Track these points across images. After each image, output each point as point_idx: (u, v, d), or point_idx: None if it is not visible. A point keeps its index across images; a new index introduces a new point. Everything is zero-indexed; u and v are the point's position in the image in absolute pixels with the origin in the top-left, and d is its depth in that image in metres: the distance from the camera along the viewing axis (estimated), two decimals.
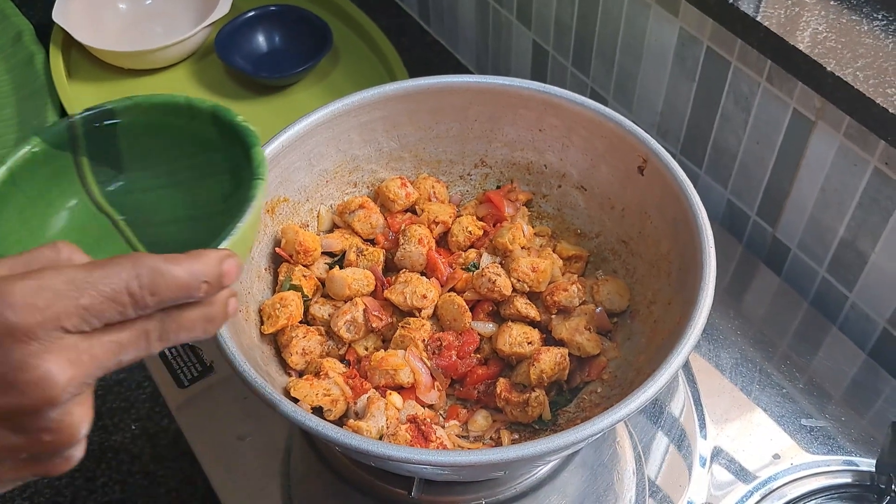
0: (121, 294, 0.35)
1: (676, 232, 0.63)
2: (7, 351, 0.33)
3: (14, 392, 0.34)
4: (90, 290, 0.35)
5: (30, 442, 0.35)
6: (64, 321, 0.34)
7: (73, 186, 0.49)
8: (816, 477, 0.69)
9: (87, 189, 0.49)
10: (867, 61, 0.68)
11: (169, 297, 0.36)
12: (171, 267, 0.36)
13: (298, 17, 1.09)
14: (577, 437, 0.51)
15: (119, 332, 0.36)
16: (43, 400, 0.34)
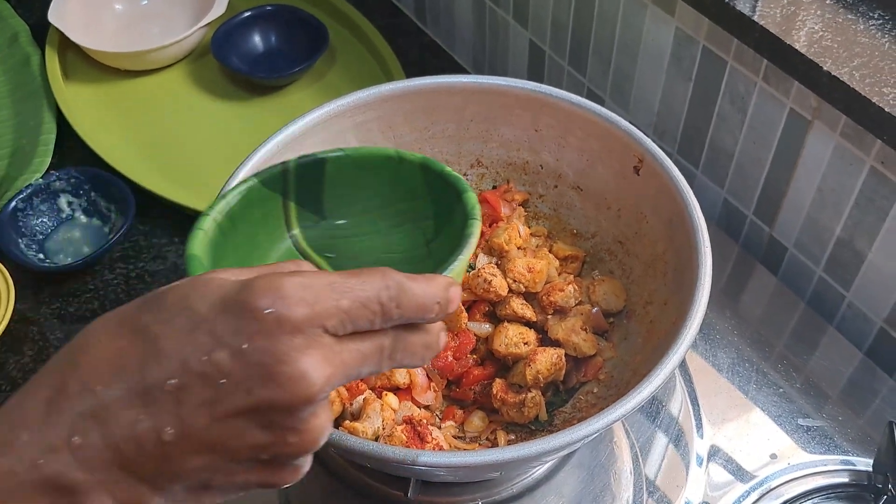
0: (373, 302, 0.35)
1: (672, 232, 0.63)
2: (273, 342, 0.33)
3: (272, 385, 0.33)
4: (349, 294, 0.35)
5: (275, 441, 0.34)
6: (325, 321, 0.34)
7: (278, 230, 0.50)
8: (814, 476, 0.69)
9: (290, 233, 0.51)
10: (863, 60, 0.68)
11: (409, 312, 0.36)
12: (412, 284, 0.37)
13: (295, 18, 1.09)
14: (572, 437, 0.51)
15: (362, 342, 0.36)
16: (298, 397, 0.33)
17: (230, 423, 0.33)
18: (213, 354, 0.33)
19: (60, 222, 0.92)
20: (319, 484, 0.68)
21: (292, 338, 0.33)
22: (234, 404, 0.33)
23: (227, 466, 0.34)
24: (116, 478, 0.33)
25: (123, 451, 0.33)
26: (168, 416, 0.33)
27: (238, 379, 0.33)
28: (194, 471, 0.34)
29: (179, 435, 0.33)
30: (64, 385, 0.34)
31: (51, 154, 0.95)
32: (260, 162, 0.66)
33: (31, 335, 0.84)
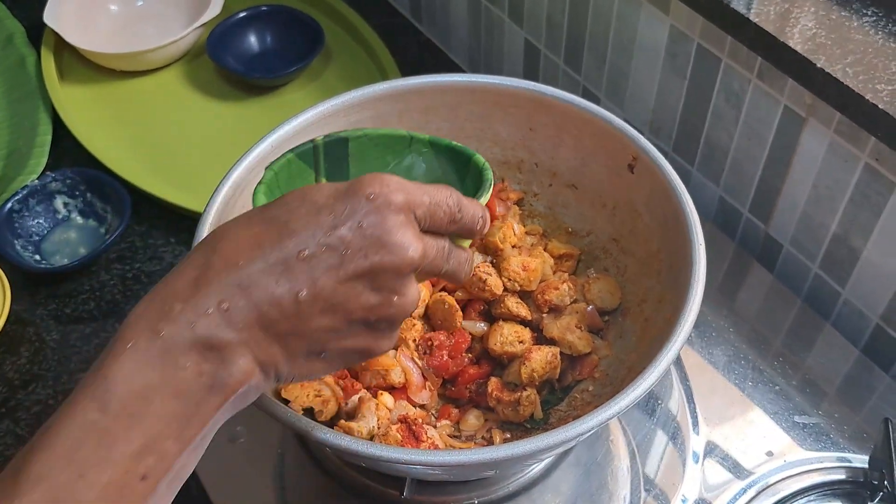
0: (444, 203, 0.44)
1: (667, 229, 0.63)
2: (383, 218, 0.41)
3: (383, 251, 0.41)
4: (429, 193, 0.44)
5: (382, 302, 0.42)
6: (416, 209, 0.43)
7: None
8: (810, 474, 0.69)
9: None
10: (857, 57, 0.68)
11: (466, 219, 0.45)
12: (467, 199, 0.46)
13: (290, 18, 1.09)
14: (567, 435, 0.51)
15: (433, 238, 0.44)
16: (404, 261, 0.42)
17: (350, 285, 0.41)
18: (335, 230, 0.41)
19: (56, 223, 0.92)
20: (315, 484, 0.68)
21: (396, 216, 0.42)
22: (354, 268, 0.41)
23: (343, 329, 0.42)
24: (258, 337, 0.40)
25: (265, 312, 0.40)
26: (302, 280, 0.40)
27: (357, 248, 0.41)
28: (318, 331, 0.41)
29: (311, 296, 0.40)
30: (209, 264, 0.40)
31: (47, 155, 0.95)
32: (254, 162, 0.66)
33: (27, 336, 0.84)
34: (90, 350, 0.83)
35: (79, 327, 0.84)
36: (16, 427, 0.77)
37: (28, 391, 0.80)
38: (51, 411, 0.78)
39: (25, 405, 0.79)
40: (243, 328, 0.40)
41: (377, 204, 0.41)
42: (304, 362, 0.42)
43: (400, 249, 0.41)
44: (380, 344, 0.44)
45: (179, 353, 0.39)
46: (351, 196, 0.42)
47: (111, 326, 0.85)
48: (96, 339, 0.84)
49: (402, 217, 0.42)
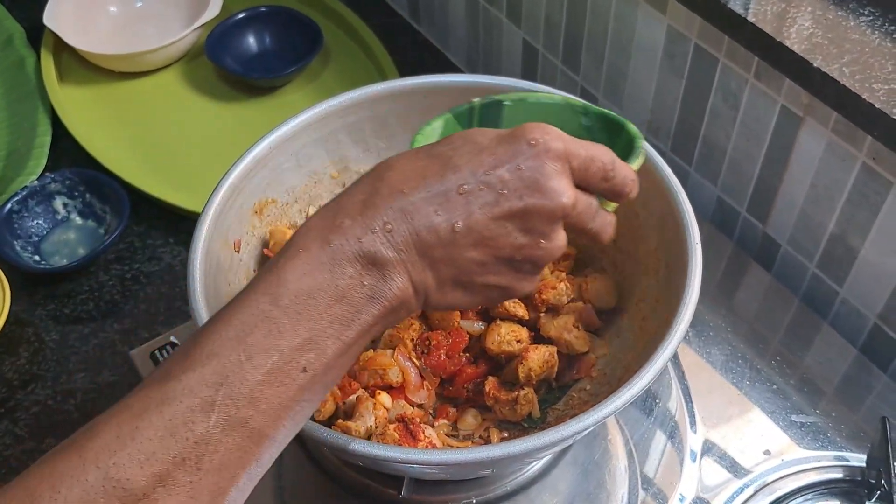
0: (599, 159, 0.45)
1: (664, 229, 0.63)
2: (541, 163, 0.43)
3: (538, 195, 0.43)
4: (587, 146, 0.45)
5: (530, 244, 0.44)
6: (573, 159, 0.44)
7: None
8: (807, 472, 0.69)
9: None
10: (853, 57, 0.68)
11: (618, 178, 0.46)
12: (620, 161, 0.47)
13: (289, 18, 1.09)
14: (564, 434, 0.51)
15: (583, 196, 0.45)
16: (557, 206, 0.44)
17: (502, 223, 0.43)
18: (497, 169, 0.43)
19: (55, 224, 0.92)
20: (314, 483, 0.68)
21: (554, 163, 0.44)
22: (509, 207, 0.43)
23: (490, 264, 0.44)
24: (414, 259, 0.43)
25: (423, 237, 0.43)
26: (460, 212, 0.43)
27: (513, 188, 0.43)
28: (468, 262, 0.44)
29: (466, 227, 0.43)
30: (376, 190, 0.43)
31: (46, 156, 0.96)
32: (253, 162, 0.66)
33: (26, 336, 0.84)
34: (89, 350, 0.83)
35: (78, 327, 0.85)
36: (15, 427, 0.77)
37: (27, 391, 0.80)
38: (50, 411, 0.79)
39: (24, 405, 0.79)
40: (403, 249, 0.42)
41: (537, 150, 0.43)
42: (451, 291, 0.45)
43: (554, 194, 0.43)
44: (522, 285, 0.46)
45: (346, 262, 0.42)
46: (513, 140, 0.44)
47: (110, 326, 0.85)
48: (95, 340, 0.84)
49: (559, 165, 0.44)
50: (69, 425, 0.78)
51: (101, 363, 0.82)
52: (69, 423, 0.78)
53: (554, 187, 0.43)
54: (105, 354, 0.83)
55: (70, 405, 0.79)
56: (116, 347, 0.83)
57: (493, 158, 0.43)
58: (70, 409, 0.79)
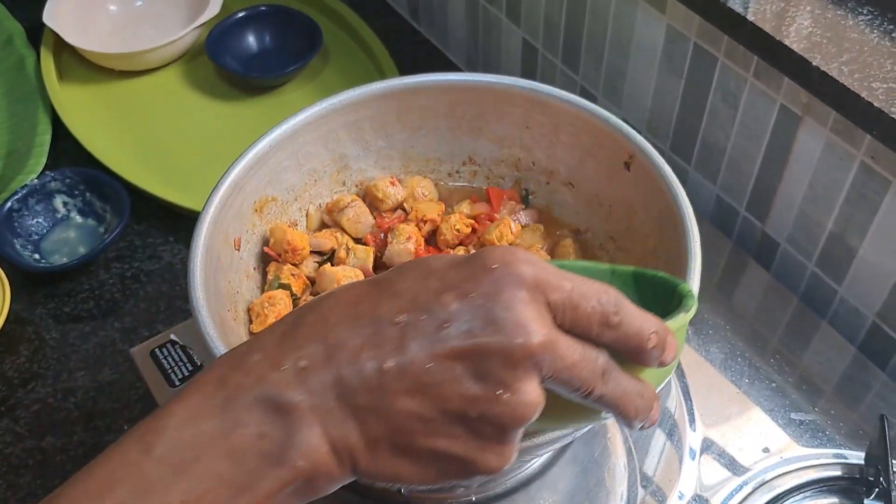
0: (593, 297, 0.35)
1: (663, 227, 0.64)
2: (500, 290, 0.34)
3: (492, 329, 0.34)
4: (576, 280, 0.35)
5: (486, 395, 0.34)
6: (549, 292, 0.35)
7: None
8: (806, 470, 0.69)
9: None
10: (852, 56, 0.68)
11: (627, 326, 0.35)
12: (630, 304, 0.36)
13: (289, 17, 1.10)
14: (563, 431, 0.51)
15: (579, 343, 0.35)
16: (517, 345, 0.33)
17: (447, 365, 0.34)
18: (441, 295, 0.34)
19: (56, 223, 0.92)
20: None
21: (517, 290, 0.34)
22: (455, 344, 0.34)
23: (435, 421, 0.34)
24: (331, 406, 0.34)
25: (343, 377, 0.34)
26: (392, 348, 0.34)
27: (462, 320, 0.34)
28: (403, 415, 0.34)
29: (399, 368, 0.34)
30: (301, 320, 0.36)
31: (46, 155, 0.96)
32: (253, 161, 0.66)
33: (26, 335, 0.84)
34: (89, 349, 0.83)
35: (78, 326, 0.85)
36: (15, 425, 0.78)
37: (27, 390, 0.80)
38: (50, 410, 0.79)
39: (25, 403, 0.79)
40: (316, 391, 0.34)
41: (497, 274, 0.34)
42: (388, 457, 0.35)
43: (513, 329, 0.34)
44: (486, 457, 0.35)
45: (242, 407, 0.34)
46: (469, 263, 0.35)
47: (110, 325, 0.85)
48: (95, 338, 0.84)
49: (525, 294, 0.34)
50: (69, 423, 0.78)
51: (101, 361, 0.82)
52: (69, 421, 0.78)
53: (512, 320, 0.34)
54: (105, 353, 0.83)
55: (70, 403, 0.79)
56: (117, 346, 0.83)
57: (440, 283, 0.35)
58: (70, 408, 0.79)
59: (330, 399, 0.34)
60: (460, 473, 0.36)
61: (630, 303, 0.36)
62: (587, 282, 0.36)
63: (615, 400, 0.36)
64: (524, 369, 0.34)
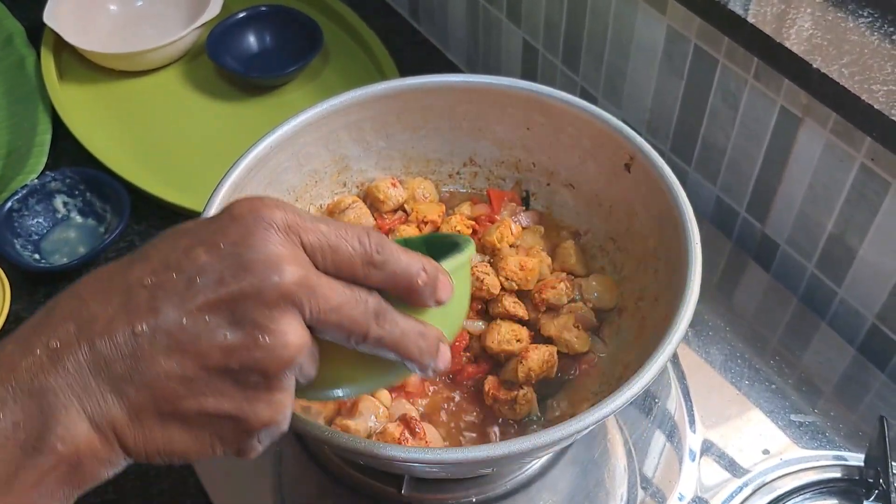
0: (353, 238, 0.35)
1: (663, 229, 0.64)
2: (249, 233, 0.33)
3: (243, 272, 0.33)
4: (329, 223, 0.35)
5: (244, 343, 0.33)
6: (303, 233, 0.34)
7: None
8: (806, 472, 0.69)
9: None
10: (852, 58, 0.69)
11: (393, 268, 0.36)
12: (394, 245, 0.37)
13: (289, 18, 1.10)
14: (563, 433, 0.51)
15: (344, 284, 0.35)
16: (266, 284, 0.33)
17: (201, 319, 0.33)
18: (191, 251, 0.34)
19: (56, 223, 0.92)
20: (314, 481, 0.69)
21: (265, 231, 0.34)
22: (207, 296, 0.33)
23: (198, 380, 0.33)
24: (87, 382, 0.32)
25: (97, 350, 0.32)
26: (143, 310, 0.33)
27: (212, 271, 0.33)
28: (164, 378, 0.33)
29: (152, 330, 0.33)
30: (57, 302, 0.35)
31: (46, 155, 0.96)
32: (253, 162, 0.66)
33: None
34: None
35: None
36: None
37: None
38: None
39: None
40: (71, 371, 0.32)
41: (246, 221, 0.34)
42: (157, 428, 0.33)
43: (264, 269, 0.33)
44: (254, 408, 0.34)
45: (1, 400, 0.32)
46: (218, 218, 0.35)
47: None
48: None
49: (276, 236, 0.33)
50: None
51: None
52: None
53: (261, 258, 0.33)
54: None
55: None
56: None
57: (190, 240, 0.34)
58: None
59: (86, 376, 0.32)
60: (237, 434, 0.34)
61: (394, 244, 0.36)
62: (346, 225, 0.36)
63: (395, 341, 0.36)
64: (280, 310, 0.33)
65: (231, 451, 0.35)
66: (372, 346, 0.36)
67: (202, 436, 0.34)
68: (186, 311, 0.33)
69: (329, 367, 0.37)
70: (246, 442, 0.35)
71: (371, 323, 0.35)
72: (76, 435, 0.32)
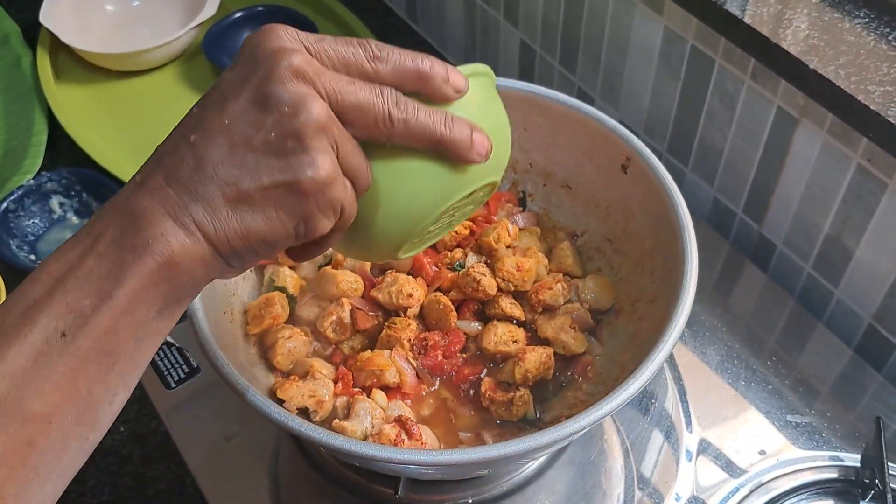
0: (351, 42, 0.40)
1: (660, 230, 0.64)
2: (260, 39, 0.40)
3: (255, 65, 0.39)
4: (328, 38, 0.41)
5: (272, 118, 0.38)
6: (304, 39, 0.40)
7: None
8: (802, 472, 0.69)
9: None
10: (849, 59, 0.69)
11: (396, 57, 0.41)
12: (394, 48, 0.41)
13: (286, 18, 1.09)
14: (560, 434, 0.51)
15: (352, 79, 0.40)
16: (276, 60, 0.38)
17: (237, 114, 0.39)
18: (221, 82, 0.41)
19: (52, 223, 0.92)
20: (311, 482, 0.69)
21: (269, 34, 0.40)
22: (235, 97, 0.39)
23: (250, 161, 0.39)
24: (163, 191, 0.39)
25: (164, 163, 0.40)
26: (193, 124, 0.40)
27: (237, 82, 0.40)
28: (223, 167, 0.39)
29: (202, 136, 0.39)
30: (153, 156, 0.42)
31: (42, 155, 0.95)
32: None
33: None
34: None
35: None
36: None
37: None
38: None
39: None
40: (150, 187, 0.39)
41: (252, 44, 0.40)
42: (230, 213, 0.39)
43: (271, 53, 0.39)
44: (302, 170, 0.39)
45: (98, 221, 0.40)
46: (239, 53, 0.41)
47: None
48: None
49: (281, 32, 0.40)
50: None
51: None
52: None
53: (268, 47, 0.39)
54: None
55: None
56: None
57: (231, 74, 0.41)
58: None
59: (161, 184, 0.39)
60: (296, 203, 0.39)
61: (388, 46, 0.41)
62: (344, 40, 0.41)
63: (423, 125, 0.41)
64: (294, 83, 0.39)
65: (302, 229, 0.40)
66: (402, 136, 0.41)
67: (269, 212, 0.39)
68: (226, 114, 0.39)
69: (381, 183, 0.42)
70: (308, 211, 0.40)
71: (391, 107, 0.40)
72: (165, 232, 0.39)
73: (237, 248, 0.40)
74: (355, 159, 0.41)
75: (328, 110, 0.39)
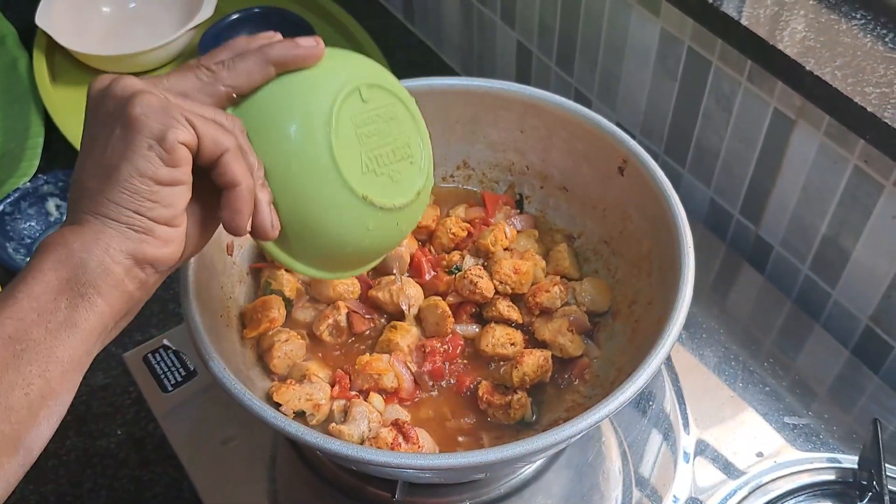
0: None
1: (656, 231, 0.64)
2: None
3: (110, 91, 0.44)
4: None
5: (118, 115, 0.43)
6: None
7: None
8: (800, 474, 0.69)
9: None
10: (845, 60, 0.69)
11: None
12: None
13: (282, 19, 1.09)
14: (557, 437, 0.51)
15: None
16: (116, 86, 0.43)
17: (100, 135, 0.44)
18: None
19: (48, 226, 0.92)
20: (308, 486, 0.68)
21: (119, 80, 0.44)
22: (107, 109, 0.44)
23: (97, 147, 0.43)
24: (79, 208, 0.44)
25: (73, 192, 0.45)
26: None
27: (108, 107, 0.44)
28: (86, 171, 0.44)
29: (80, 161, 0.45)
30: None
31: (39, 157, 0.95)
32: None
33: None
34: None
35: None
36: None
37: None
38: None
39: None
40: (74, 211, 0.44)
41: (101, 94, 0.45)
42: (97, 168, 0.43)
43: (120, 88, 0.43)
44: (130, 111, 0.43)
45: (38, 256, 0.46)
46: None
47: None
48: None
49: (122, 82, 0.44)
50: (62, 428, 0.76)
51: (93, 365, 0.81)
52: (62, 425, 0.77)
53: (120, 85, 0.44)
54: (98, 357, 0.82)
55: None
56: (109, 350, 0.83)
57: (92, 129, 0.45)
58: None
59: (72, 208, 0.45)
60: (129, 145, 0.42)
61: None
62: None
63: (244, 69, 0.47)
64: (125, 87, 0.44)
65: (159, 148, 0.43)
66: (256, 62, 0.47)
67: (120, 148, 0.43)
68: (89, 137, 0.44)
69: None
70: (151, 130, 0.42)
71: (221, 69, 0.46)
72: (63, 230, 0.44)
73: (118, 201, 0.43)
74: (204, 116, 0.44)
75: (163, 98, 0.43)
